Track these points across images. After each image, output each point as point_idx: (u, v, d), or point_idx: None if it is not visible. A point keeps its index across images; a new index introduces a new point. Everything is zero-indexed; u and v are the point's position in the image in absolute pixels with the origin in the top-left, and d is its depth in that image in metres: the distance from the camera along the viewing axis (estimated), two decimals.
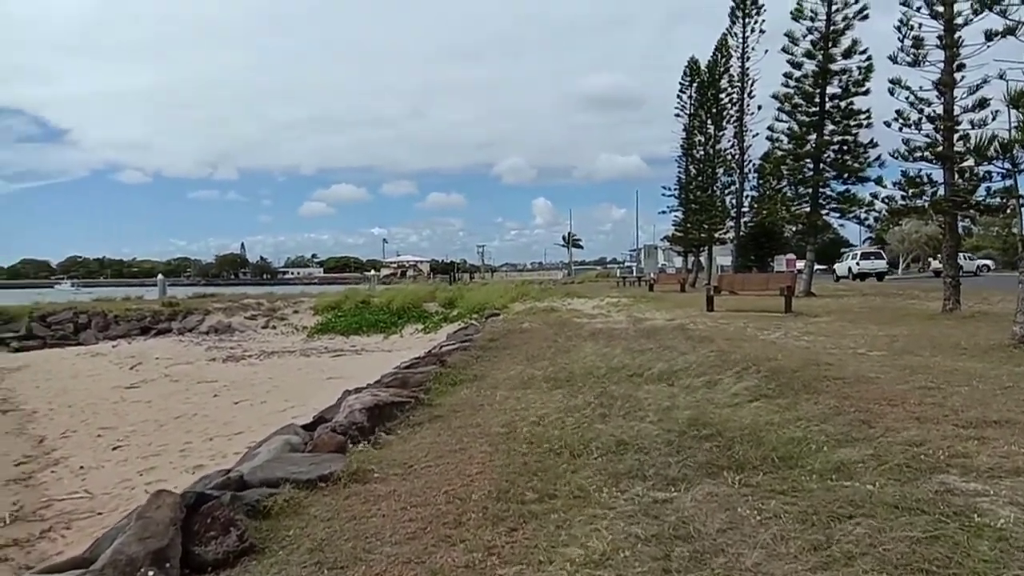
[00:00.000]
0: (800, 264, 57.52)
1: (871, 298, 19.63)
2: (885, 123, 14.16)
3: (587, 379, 6.92)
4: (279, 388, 12.48)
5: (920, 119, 13.56)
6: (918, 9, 13.37)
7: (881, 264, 37.35)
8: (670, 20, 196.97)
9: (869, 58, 19.82)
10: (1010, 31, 9.15)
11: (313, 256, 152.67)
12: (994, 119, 12.43)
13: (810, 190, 21.62)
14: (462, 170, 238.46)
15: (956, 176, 13.39)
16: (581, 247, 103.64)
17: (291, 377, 13.90)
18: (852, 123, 20.65)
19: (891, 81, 13.77)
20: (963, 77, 13.16)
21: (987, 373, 6.38)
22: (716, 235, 36.42)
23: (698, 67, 36.83)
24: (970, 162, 13.14)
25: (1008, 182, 11.24)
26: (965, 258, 40.97)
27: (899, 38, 13.72)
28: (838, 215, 21.77)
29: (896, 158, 13.91)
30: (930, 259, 55.96)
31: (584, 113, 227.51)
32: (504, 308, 20.22)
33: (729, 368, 6.94)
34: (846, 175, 21.01)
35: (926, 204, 13.65)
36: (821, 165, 21.28)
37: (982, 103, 12.89)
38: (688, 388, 6.12)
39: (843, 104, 20.64)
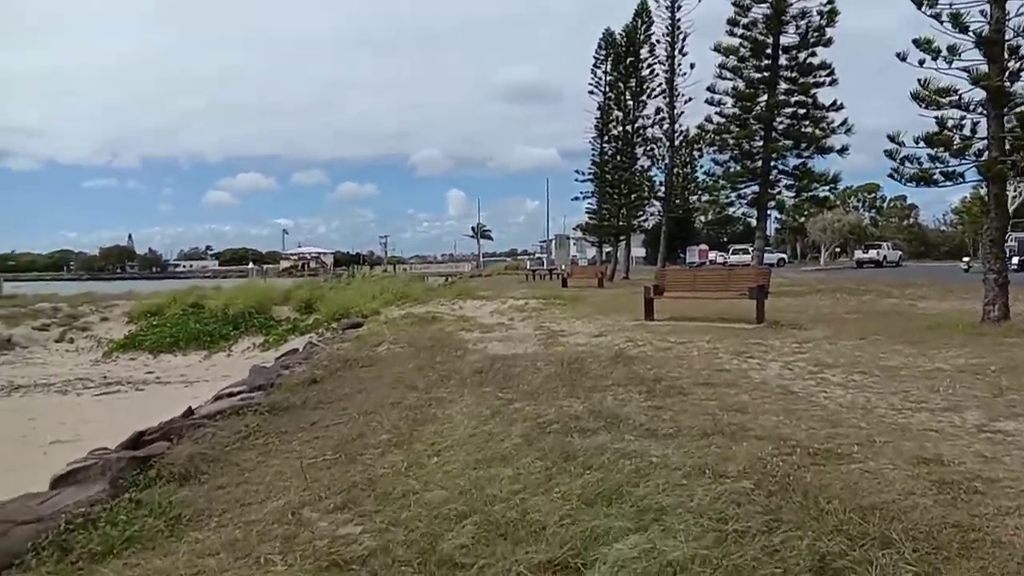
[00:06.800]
0: (713, 255, 55.46)
1: (836, 296, 15.81)
2: (898, 55, 9.89)
3: None
4: None
5: (955, 45, 9.37)
6: None
7: (747, 258, 41.33)
8: (582, 16, 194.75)
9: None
10: None
11: (208, 248, 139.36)
12: None
13: (759, 164, 17.57)
14: (375, 160, 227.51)
15: (1006, 126, 9.36)
16: (491, 238, 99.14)
17: (3, 437, 8.35)
18: (811, 81, 16.70)
19: None
20: None
21: None
22: (635, 222, 32.40)
23: (614, 38, 32.65)
24: None
25: None
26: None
27: None
28: (793, 194, 17.88)
29: (919, 102, 9.69)
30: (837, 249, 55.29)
31: (501, 105, 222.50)
32: (374, 313, 15.00)
33: (787, 531, 2.64)
34: (803, 144, 17.07)
35: (970, 166, 9.51)
36: (773, 133, 17.26)
37: None
38: None
39: (801, 57, 16.65)
